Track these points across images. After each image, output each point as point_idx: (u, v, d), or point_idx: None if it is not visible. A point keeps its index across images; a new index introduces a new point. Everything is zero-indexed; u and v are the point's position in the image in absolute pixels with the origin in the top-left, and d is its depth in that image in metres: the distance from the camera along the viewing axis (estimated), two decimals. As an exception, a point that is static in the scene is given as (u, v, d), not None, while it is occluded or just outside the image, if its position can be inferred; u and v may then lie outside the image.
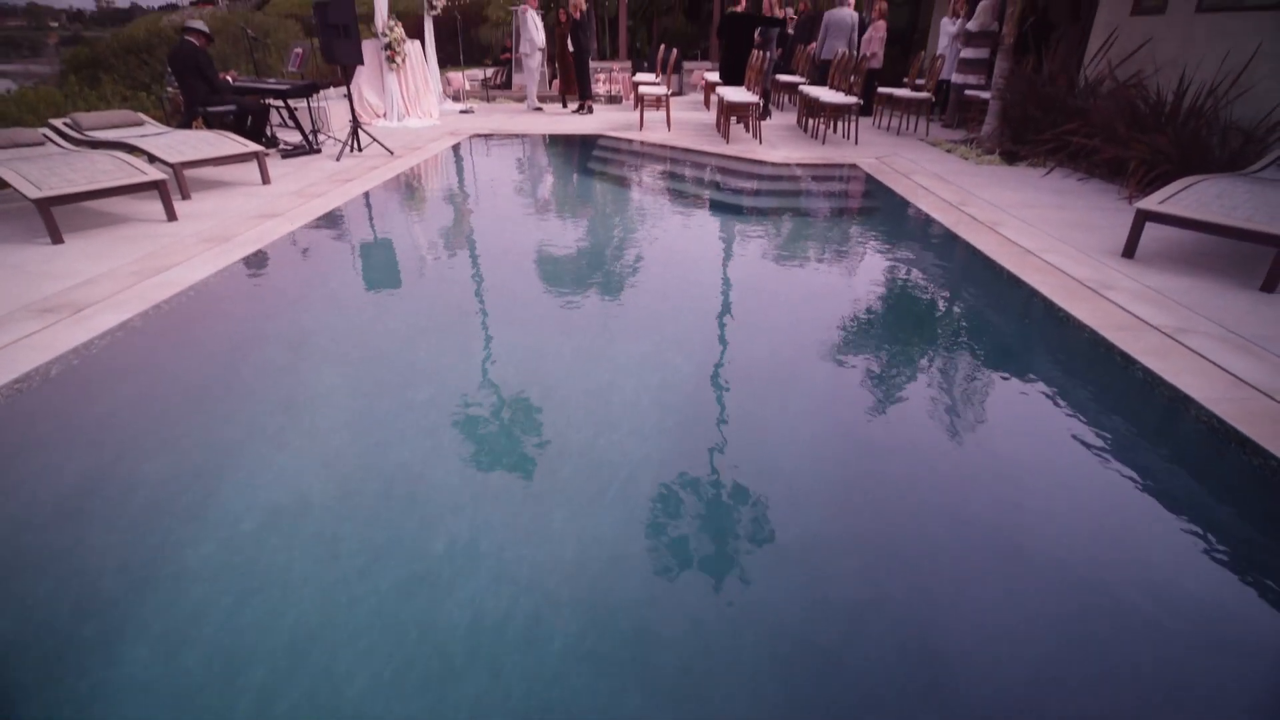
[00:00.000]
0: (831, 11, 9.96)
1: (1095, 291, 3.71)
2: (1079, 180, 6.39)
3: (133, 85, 11.01)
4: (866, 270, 4.43)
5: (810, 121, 9.16)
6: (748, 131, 8.99)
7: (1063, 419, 2.68)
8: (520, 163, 8.04)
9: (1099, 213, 5.29)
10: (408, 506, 2.13)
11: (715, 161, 7.68)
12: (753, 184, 6.72)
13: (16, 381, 2.74)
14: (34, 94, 8.97)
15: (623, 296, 3.94)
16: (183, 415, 2.64)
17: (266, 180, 6.09)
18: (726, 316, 3.65)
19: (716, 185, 6.74)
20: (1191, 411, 2.60)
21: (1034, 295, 3.74)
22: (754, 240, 4.99)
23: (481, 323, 3.55)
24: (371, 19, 9.74)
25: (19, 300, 3.48)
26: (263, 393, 2.81)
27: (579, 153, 8.43)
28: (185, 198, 5.49)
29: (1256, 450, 2.34)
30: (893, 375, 3.07)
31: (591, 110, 11.34)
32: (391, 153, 7.63)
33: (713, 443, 2.51)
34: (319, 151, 7.64)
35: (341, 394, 2.80)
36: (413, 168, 7.22)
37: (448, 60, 15.92)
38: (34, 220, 4.56)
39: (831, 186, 6.74)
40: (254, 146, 5.95)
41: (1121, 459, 2.41)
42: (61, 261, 4.07)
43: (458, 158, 8.07)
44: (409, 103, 10.25)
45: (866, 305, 3.84)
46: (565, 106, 12.02)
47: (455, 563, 1.90)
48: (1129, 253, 4.22)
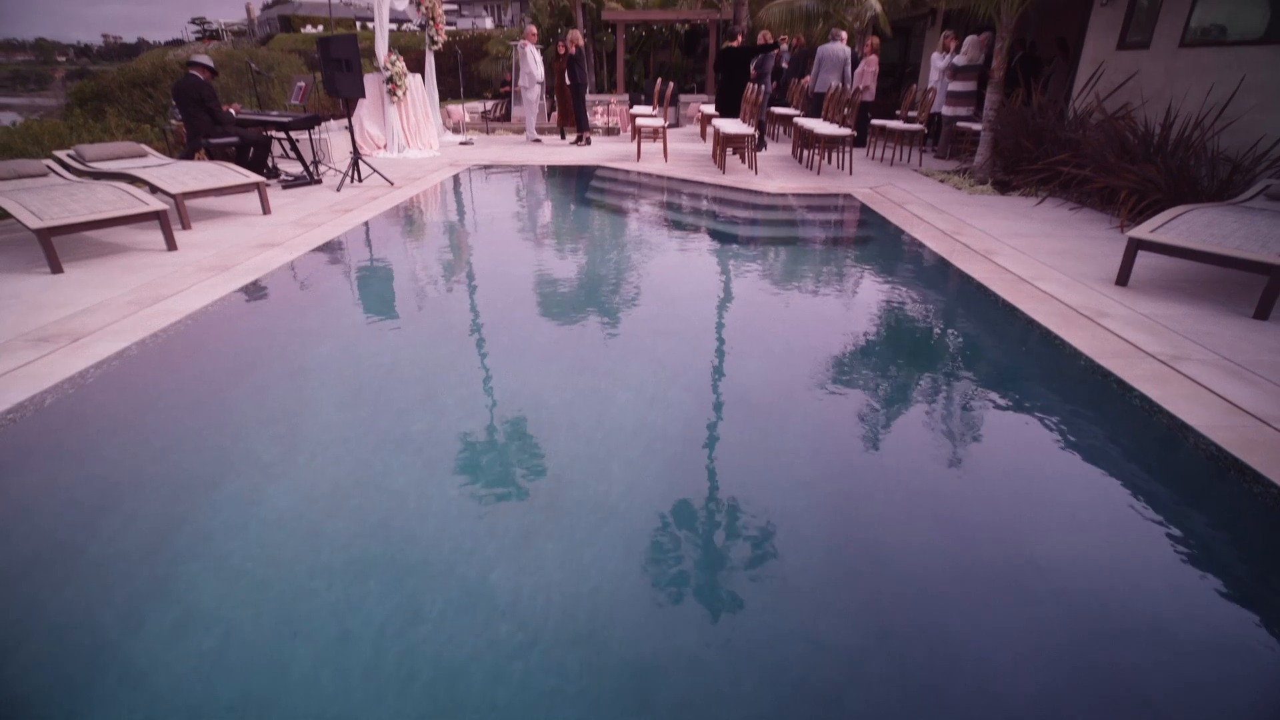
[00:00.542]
0: (825, 46, 10.18)
1: (1090, 319, 3.73)
2: (1071, 209, 6.48)
3: (137, 118, 11.17)
4: (864, 299, 4.45)
5: (805, 152, 9.30)
6: (743, 162, 9.12)
7: (1063, 447, 2.68)
8: (519, 193, 8.13)
9: (1091, 241, 5.34)
10: (402, 538, 2.11)
11: (712, 191, 7.78)
12: (749, 213, 6.79)
13: (10, 411, 2.73)
14: (38, 126, 9.09)
15: (621, 326, 3.95)
16: (177, 444, 2.62)
17: (267, 210, 6.15)
18: (725, 346, 3.66)
19: (713, 215, 6.81)
20: (1190, 439, 2.60)
21: (1030, 323, 3.76)
22: (751, 269, 5.02)
23: (479, 352, 3.55)
24: (373, 53, 9.94)
25: (16, 329, 3.48)
26: (257, 423, 2.80)
27: (577, 183, 8.53)
28: (186, 228, 5.53)
29: (1256, 478, 2.33)
30: (892, 404, 3.07)
31: (589, 142, 11.51)
32: (391, 183, 7.71)
33: (711, 474, 2.49)
34: (319, 182, 7.72)
35: (337, 424, 2.79)
36: (412, 198, 7.29)
37: (448, 93, 16.22)
38: (35, 250, 4.58)
39: (827, 216, 6.81)
40: (254, 177, 6.02)
41: (1123, 488, 2.40)
42: (60, 291, 4.08)
43: (457, 188, 8.16)
44: (409, 134, 10.39)
45: (864, 334, 3.86)
46: (563, 138, 12.20)
47: (450, 594, 1.87)
48: (1122, 280, 4.26)
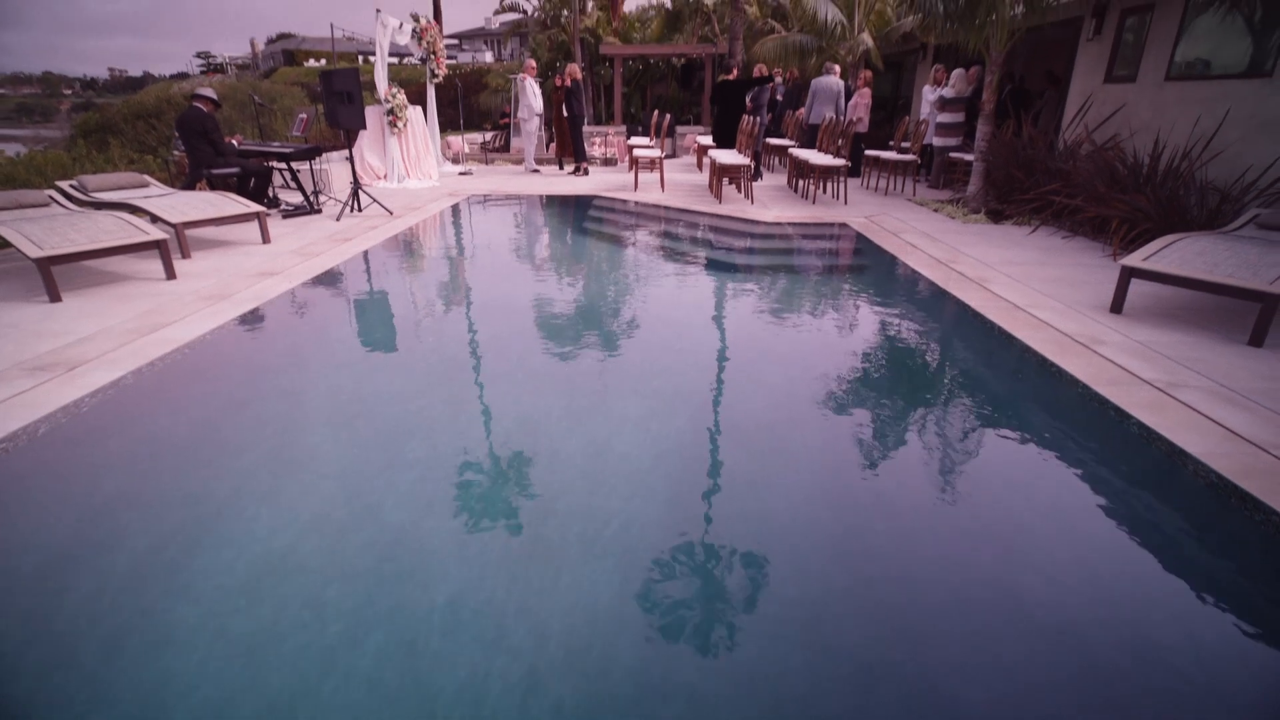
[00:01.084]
0: (818, 79, 10.40)
1: (1086, 346, 3.75)
2: (1063, 238, 6.55)
3: (140, 149, 11.31)
4: (861, 327, 4.47)
5: (800, 182, 9.42)
6: (739, 192, 9.23)
7: (1062, 474, 2.67)
8: (517, 222, 8.20)
9: (1084, 269, 5.39)
10: (399, 569, 2.08)
11: (709, 221, 7.86)
12: (746, 242, 6.86)
13: (4, 440, 2.71)
14: (42, 157, 9.19)
15: (619, 354, 3.95)
16: (170, 474, 2.60)
17: (267, 239, 6.19)
18: (723, 374, 3.66)
19: (711, 244, 6.87)
20: (1189, 466, 2.59)
21: (1026, 351, 3.78)
22: (749, 298, 5.05)
23: (476, 381, 3.55)
24: (374, 86, 10.11)
25: (12, 358, 3.47)
26: (252, 452, 2.78)
27: (575, 213, 8.62)
28: (186, 257, 5.56)
29: (1257, 505, 2.32)
30: (892, 432, 3.06)
31: (587, 172, 11.65)
32: (391, 213, 7.78)
33: (710, 504, 2.47)
34: (319, 212, 7.79)
35: (332, 453, 2.77)
36: (411, 227, 7.35)
37: (448, 125, 16.46)
38: (34, 279, 4.60)
39: (823, 245, 6.87)
40: (255, 207, 6.07)
41: (1124, 515, 2.39)
42: (58, 320, 4.08)
43: (456, 217, 8.23)
44: (409, 165, 10.52)
45: (863, 362, 3.86)
46: (561, 168, 12.36)
47: (446, 627, 1.84)
48: (1116, 308, 4.29)
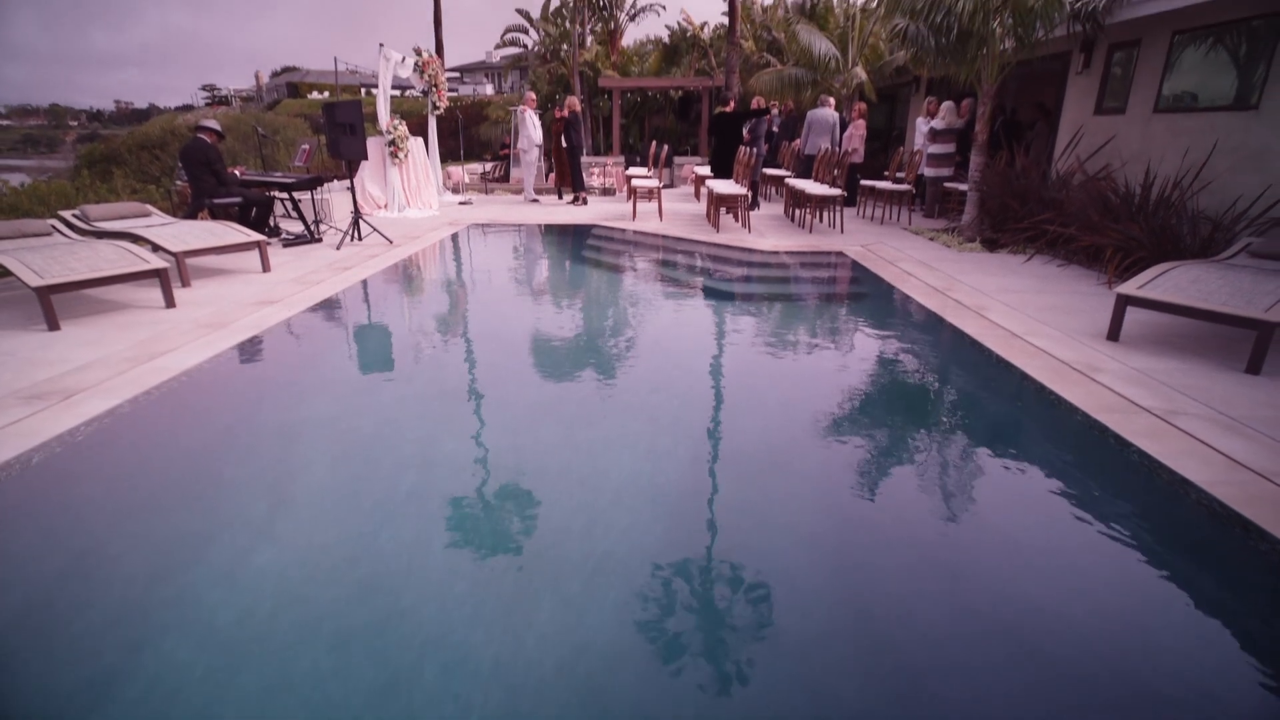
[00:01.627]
0: (814, 111, 10.58)
1: (1084, 374, 3.75)
2: (1058, 266, 6.60)
3: (143, 179, 11.42)
4: (859, 355, 4.48)
5: (797, 212, 9.52)
6: (737, 221, 9.32)
7: (1063, 503, 2.64)
8: (516, 251, 8.26)
9: (1080, 297, 5.43)
10: (394, 601, 2.04)
11: (707, 250, 7.91)
12: (744, 270, 6.90)
13: (-4, 470, 2.68)
14: (45, 187, 9.26)
15: (617, 382, 3.95)
16: (164, 504, 2.57)
17: (267, 268, 6.22)
18: (721, 402, 3.65)
19: (709, 272, 6.91)
20: (1192, 495, 2.57)
21: (1025, 378, 3.78)
22: (747, 326, 5.07)
23: (474, 410, 3.54)
24: (376, 117, 10.26)
25: (8, 386, 3.46)
26: (248, 481, 2.75)
27: (573, 241, 8.68)
28: (186, 285, 5.58)
29: (1262, 535, 2.30)
30: (891, 461, 3.04)
31: (585, 202, 11.78)
32: (391, 242, 7.83)
33: (708, 534, 2.45)
34: (320, 241, 7.84)
35: (328, 482, 2.74)
36: (410, 256, 7.39)
37: (449, 155, 16.68)
38: (33, 307, 4.60)
39: (820, 273, 6.92)
40: (255, 236, 6.11)
41: (1128, 545, 2.36)
42: (56, 348, 4.07)
43: (455, 246, 8.29)
44: (410, 194, 10.63)
45: (861, 390, 3.86)
46: (561, 198, 12.49)
47: (442, 659, 1.80)
48: (1113, 335, 4.30)
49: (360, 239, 7.88)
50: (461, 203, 11.86)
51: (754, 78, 13.97)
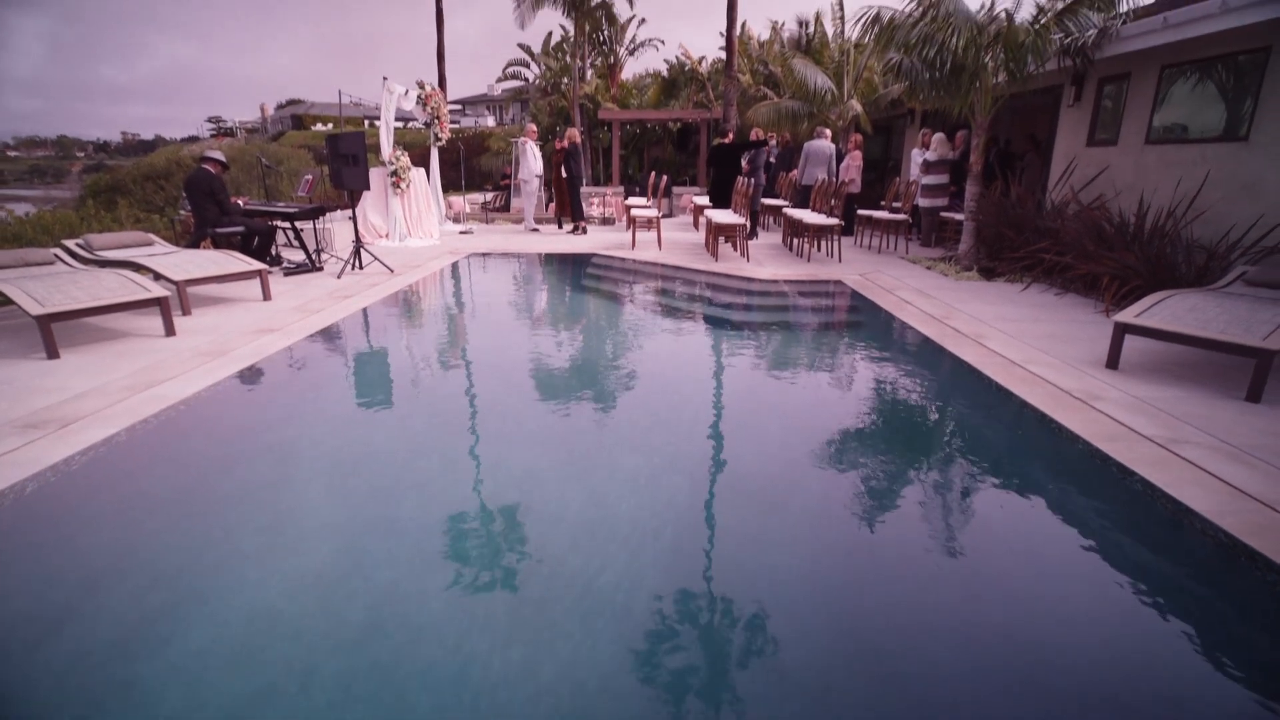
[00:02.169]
0: (810, 142, 10.74)
1: (1084, 402, 3.74)
2: (1055, 294, 6.64)
3: (147, 208, 11.52)
4: (859, 383, 4.48)
5: (795, 241, 9.61)
6: (735, 250, 9.40)
7: (1067, 533, 2.62)
8: (516, 280, 8.31)
9: (1077, 325, 5.44)
10: (390, 632, 2.01)
11: (706, 279, 7.96)
12: (743, 299, 6.93)
13: (-11, 500, 2.66)
14: (50, 216, 9.33)
15: (616, 411, 3.94)
16: (158, 533, 2.54)
17: (268, 296, 6.24)
18: (721, 432, 3.63)
19: (708, 301, 6.94)
20: (1196, 524, 2.55)
21: (1025, 406, 3.77)
22: (746, 354, 5.07)
23: (473, 440, 3.52)
24: (379, 148, 10.41)
25: (5, 415, 3.44)
26: (244, 511, 2.72)
27: (573, 270, 8.74)
28: (186, 313, 5.60)
29: (1269, 565, 2.27)
30: (892, 491, 3.02)
31: (585, 231, 11.89)
32: (392, 270, 7.88)
33: (710, 563, 2.41)
34: (321, 269, 7.89)
35: (325, 513, 2.71)
36: (411, 284, 7.43)
37: (450, 185, 16.88)
38: (33, 336, 4.61)
39: (819, 301, 6.95)
40: (256, 265, 6.15)
41: (1132, 575, 2.33)
42: (54, 376, 4.07)
43: (455, 275, 8.34)
44: (411, 224, 10.73)
45: (861, 419, 3.85)
46: (561, 227, 12.61)
47: (440, 693, 1.76)
48: (1112, 363, 4.30)
49: (361, 268, 7.93)
50: (462, 232, 11.96)
51: (751, 110, 14.22)
